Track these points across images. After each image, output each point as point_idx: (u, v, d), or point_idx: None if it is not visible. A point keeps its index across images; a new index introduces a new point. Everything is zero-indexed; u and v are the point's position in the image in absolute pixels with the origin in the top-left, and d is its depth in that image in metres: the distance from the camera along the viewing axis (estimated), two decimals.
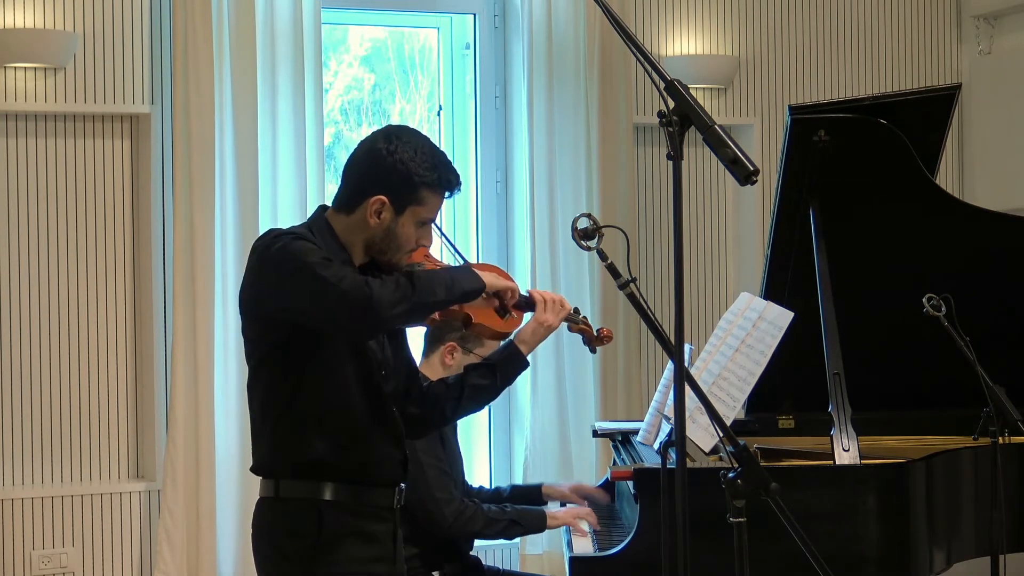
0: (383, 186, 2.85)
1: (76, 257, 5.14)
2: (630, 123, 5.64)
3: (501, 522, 4.08)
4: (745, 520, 2.40)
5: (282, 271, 2.79)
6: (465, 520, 4.01)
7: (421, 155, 2.87)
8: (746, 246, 5.96)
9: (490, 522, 4.05)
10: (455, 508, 4.01)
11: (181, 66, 5.04)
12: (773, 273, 4.24)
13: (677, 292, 2.32)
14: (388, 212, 2.86)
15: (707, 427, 3.46)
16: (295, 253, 2.77)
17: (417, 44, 5.87)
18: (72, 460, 5.15)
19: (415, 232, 2.91)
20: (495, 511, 4.11)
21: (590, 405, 5.54)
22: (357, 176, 2.92)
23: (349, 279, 2.73)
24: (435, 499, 3.98)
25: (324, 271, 2.73)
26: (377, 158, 2.87)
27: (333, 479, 2.87)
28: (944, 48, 6.28)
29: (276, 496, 2.89)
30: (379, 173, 2.86)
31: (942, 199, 4.22)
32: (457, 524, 4.00)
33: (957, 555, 3.74)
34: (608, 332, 3.14)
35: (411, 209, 2.87)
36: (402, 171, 2.85)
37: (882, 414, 4.24)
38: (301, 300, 2.77)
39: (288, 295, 2.79)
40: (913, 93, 4.79)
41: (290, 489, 2.87)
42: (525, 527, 4.15)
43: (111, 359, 5.18)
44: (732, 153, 2.26)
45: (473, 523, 4.02)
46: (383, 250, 2.91)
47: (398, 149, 2.86)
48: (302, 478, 2.87)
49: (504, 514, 4.10)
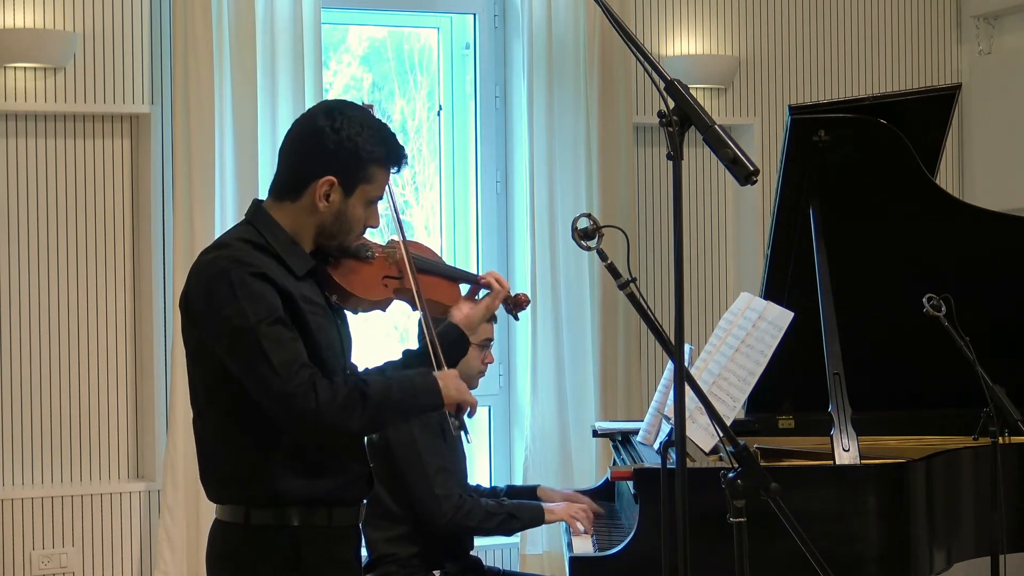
0: (330, 166, 2.70)
1: (76, 257, 5.14)
2: (630, 123, 5.64)
3: (499, 516, 4.07)
4: (745, 520, 2.40)
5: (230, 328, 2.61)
6: (463, 514, 4.01)
7: (368, 131, 2.72)
8: (746, 246, 5.96)
9: (488, 516, 4.05)
10: (453, 503, 4.00)
11: (181, 66, 5.03)
12: (773, 273, 4.24)
13: (677, 292, 2.32)
14: (337, 194, 2.71)
15: (707, 427, 3.46)
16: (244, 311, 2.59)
17: (417, 44, 5.87)
18: (72, 460, 5.15)
19: (364, 212, 2.77)
20: (493, 505, 4.11)
21: (590, 405, 5.54)
22: (300, 157, 2.75)
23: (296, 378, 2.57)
24: (434, 495, 3.98)
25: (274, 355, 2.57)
26: (321, 137, 2.70)
27: (301, 504, 2.71)
28: (944, 48, 6.28)
29: (246, 523, 2.71)
30: (325, 153, 2.70)
31: (942, 199, 4.22)
32: (456, 518, 4.00)
33: (957, 555, 3.74)
34: (525, 296, 3.10)
35: (361, 188, 2.73)
36: (350, 149, 2.70)
37: (882, 414, 4.24)
38: (243, 374, 2.62)
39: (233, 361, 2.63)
40: (913, 93, 4.79)
41: (261, 516, 2.70)
42: (523, 521, 4.15)
43: (111, 359, 5.18)
44: (732, 153, 2.26)
45: (471, 517, 4.02)
46: (333, 234, 2.76)
47: (343, 126, 2.70)
48: (271, 504, 2.69)
49: (502, 508, 4.10)
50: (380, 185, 2.78)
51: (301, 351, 2.63)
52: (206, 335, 2.69)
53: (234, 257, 2.66)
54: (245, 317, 2.60)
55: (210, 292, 2.65)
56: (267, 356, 2.58)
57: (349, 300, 2.85)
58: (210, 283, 2.66)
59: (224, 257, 2.67)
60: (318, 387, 2.60)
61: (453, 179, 5.76)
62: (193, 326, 2.74)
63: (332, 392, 2.61)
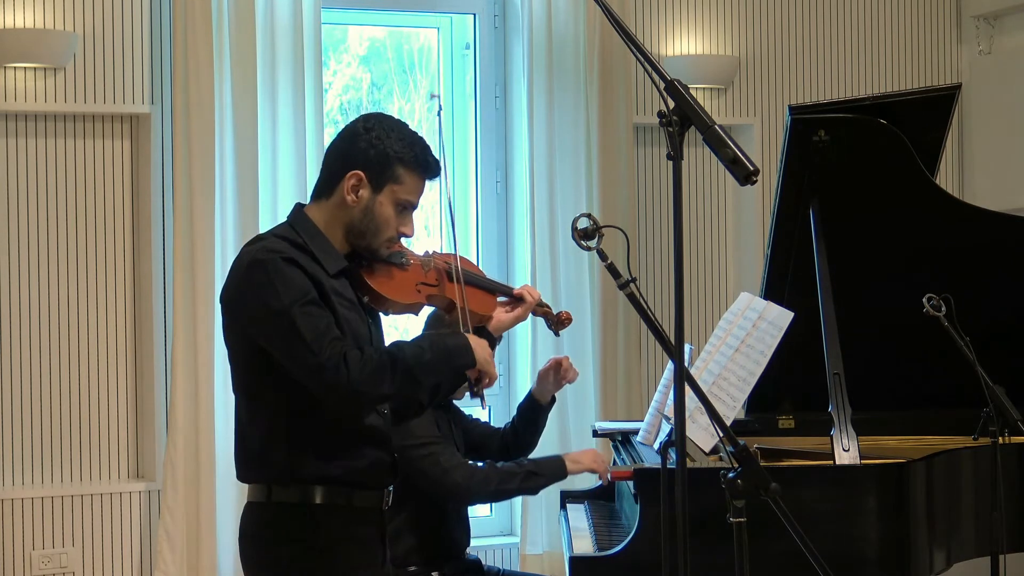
0: (359, 162, 2.85)
1: (76, 257, 5.14)
2: (630, 123, 5.64)
3: (519, 474, 3.94)
4: (745, 520, 2.40)
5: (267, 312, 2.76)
6: (480, 480, 3.88)
7: (398, 134, 2.88)
8: (746, 246, 5.96)
9: (507, 476, 3.92)
10: (466, 471, 3.88)
11: (181, 66, 5.04)
12: (773, 273, 4.24)
13: (677, 292, 2.32)
14: (366, 189, 2.86)
15: (707, 427, 3.46)
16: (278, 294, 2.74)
17: (417, 44, 5.87)
18: (72, 460, 5.15)
19: (395, 216, 2.89)
20: (509, 465, 3.96)
21: (590, 405, 5.54)
22: (335, 157, 2.91)
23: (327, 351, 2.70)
24: (444, 469, 3.86)
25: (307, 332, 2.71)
26: (354, 137, 2.88)
27: (323, 483, 2.83)
28: (944, 48, 6.29)
29: (268, 500, 2.86)
30: (355, 150, 2.86)
31: (942, 199, 4.22)
32: (474, 486, 3.87)
33: (957, 555, 3.74)
34: (567, 315, 3.26)
35: (389, 187, 2.86)
36: (378, 147, 2.85)
37: (882, 414, 4.24)
38: (281, 354, 2.77)
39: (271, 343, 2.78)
40: (913, 93, 4.79)
41: (281, 494, 2.84)
42: (546, 475, 3.98)
43: (111, 359, 5.18)
44: (732, 153, 2.26)
45: (489, 482, 3.89)
46: (363, 232, 2.88)
47: (375, 127, 2.87)
48: (293, 483, 2.83)
49: (520, 467, 3.96)
50: (410, 189, 2.89)
51: (332, 327, 2.75)
52: (245, 321, 2.83)
53: (267, 247, 2.82)
54: (280, 300, 2.73)
55: (247, 280, 2.81)
56: (301, 334, 2.71)
57: (380, 301, 2.96)
58: (247, 272, 2.82)
59: (258, 248, 2.83)
60: (348, 358, 2.71)
61: (453, 179, 5.77)
62: (232, 317, 2.87)
63: (362, 362, 2.72)
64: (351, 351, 2.72)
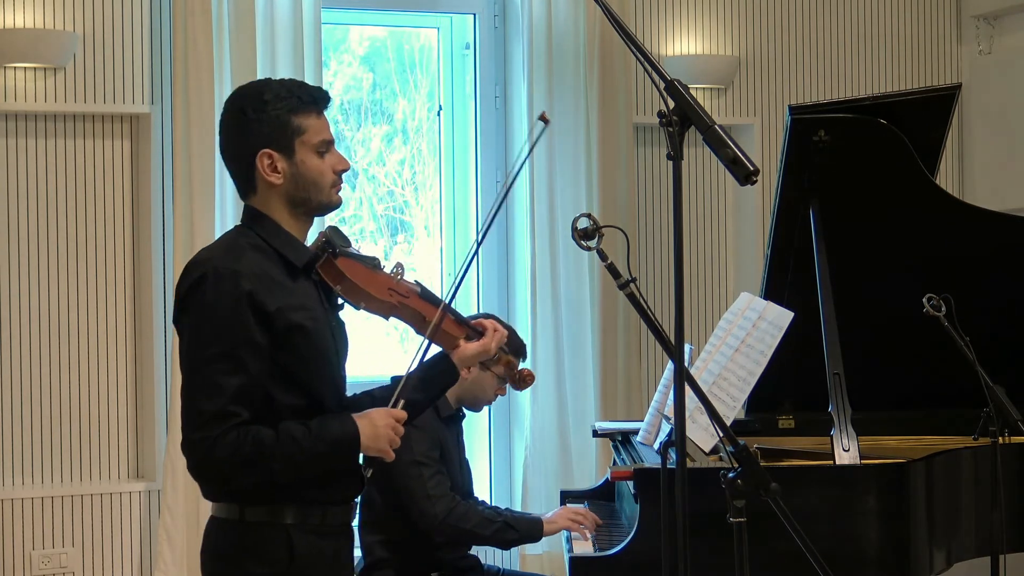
0: (260, 142, 2.74)
1: (76, 257, 5.14)
2: (630, 123, 5.64)
3: (495, 523, 4.02)
4: (745, 520, 2.40)
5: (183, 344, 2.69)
6: (458, 516, 3.96)
7: (271, 94, 2.74)
8: (746, 246, 5.96)
9: (484, 521, 4.00)
10: (447, 504, 3.96)
11: (181, 66, 5.04)
12: (773, 273, 4.24)
13: (677, 292, 2.32)
14: (281, 160, 2.74)
15: (707, 427, 3.46)
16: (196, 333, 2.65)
17: (417, 44, 5.87)
18: (72, 460, 5.15)
19: (320, 161, 2.77)
20: (489, 511, 4.07)
21: (590, 405, 5.54)
22: (235, 153, 2.80)
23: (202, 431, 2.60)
24: (428, 496, 3.94)
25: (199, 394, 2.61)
26: (240, 124, 2.77)
27: (295, 502, 2.73)
28: (944, 48, 6.28)
29: (241, 519, 2.72)
30: (249, 134, 2.75)
31: (942, 199, 4.23)
32: (450, 519, 3.95)
33: (957, 555, 3.74)
34: (530, 372, 3.08)
35: (299, 142, 2.74)
36: (264, 118, 2.74)
37: (882, 414, 4.24)
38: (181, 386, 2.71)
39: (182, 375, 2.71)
40: (913, 93, 4.79)
41: (256, 513, 2.71)
42: (520, 532, 4.08)
43: (111, 359, 5.18)
44: (732, 153, 2.26)
45: (466, 520, 3.97)
46: (305, 196, 2.77)
47: (248, 103, 2.76)
48: (266, 502, 2.71)
49: (499, 515, 4.06)
50: (317, 129, 2.77)
51: (228, 394, 2.62)
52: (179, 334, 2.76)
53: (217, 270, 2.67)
54: (196, 342, 2.65)
55: (184, 301, 2.71)
56: (192, 392, 2.64)
57: (353, 292, 2.81)
58: (187, 293, 2.69)
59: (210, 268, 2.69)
60: (218, 445, 2.61)
61: (453, 179, 5.76)
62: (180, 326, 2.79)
63: (234, 449, 2.62)
64: (228, 434, 2.61)
